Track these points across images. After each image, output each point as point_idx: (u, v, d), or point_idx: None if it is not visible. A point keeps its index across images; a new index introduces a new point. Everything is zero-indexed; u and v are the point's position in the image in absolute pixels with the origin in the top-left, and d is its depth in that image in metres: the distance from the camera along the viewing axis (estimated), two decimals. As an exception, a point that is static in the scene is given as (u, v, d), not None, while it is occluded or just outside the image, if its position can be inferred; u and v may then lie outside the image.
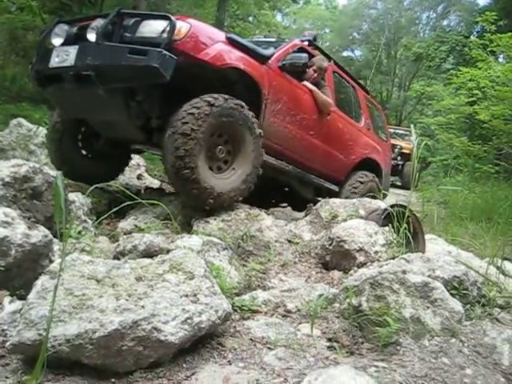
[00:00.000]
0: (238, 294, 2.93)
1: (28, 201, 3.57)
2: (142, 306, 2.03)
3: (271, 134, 4.99)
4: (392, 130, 20.76)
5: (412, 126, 5.44)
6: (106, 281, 2.15)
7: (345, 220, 4.36)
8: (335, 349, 2.45)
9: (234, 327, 2.52)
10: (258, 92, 4.75)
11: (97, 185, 3.03)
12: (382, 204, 4.83)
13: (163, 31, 3.95)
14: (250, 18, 25.67)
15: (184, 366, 2.13)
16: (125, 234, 3.30)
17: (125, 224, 3.86)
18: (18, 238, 2.52)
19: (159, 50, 3.80)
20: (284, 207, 6.92)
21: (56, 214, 1.90)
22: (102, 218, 1.98)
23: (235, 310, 2.65)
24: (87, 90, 4.08)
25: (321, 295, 3.02)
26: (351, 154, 6.60)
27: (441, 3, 31.17)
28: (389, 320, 2.46)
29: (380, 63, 34.20)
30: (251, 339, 2.43)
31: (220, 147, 4.23)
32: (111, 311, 1.98)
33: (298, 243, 4.17)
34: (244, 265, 3.43)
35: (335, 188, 6.46)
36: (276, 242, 3.93)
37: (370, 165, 6.95)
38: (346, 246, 3.82)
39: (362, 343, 2.56)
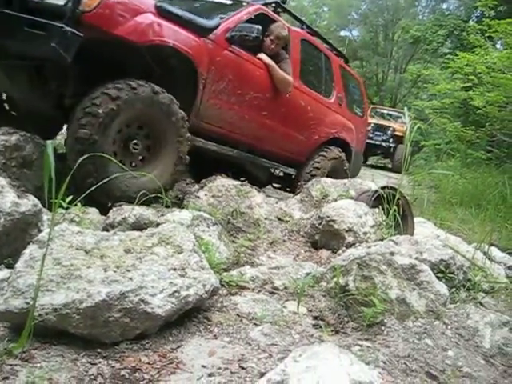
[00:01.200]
0: (226, 270, 2.95)
1: (18, 169, 3.57)
2: (130, 278, 2.03)
3: (212, 116, 4.56)
4: (385, 112, 20.82)
5: (406, 108, 5.42)
6: (94, 252, 2.15)
7: (335, 200, 4.39)
8: (321, 327, 2.48)
9: (221, 302, 2.53)
10: (194, 71, 4.22)
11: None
12: (372, 185, 4.85)
13: (69, 0, 3.36)
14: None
15: (170, 338, 2.14)
16: (114, 205, 3.29)
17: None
18: (6, 207, 2.51)
19: (60, 25, 3.27)
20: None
21: (45, 183, 1.89)
22: (93, 188, 1.97)
23: (223, 286, 2.67)
24: None
25: (308, 273, 3.04)
26: (314, 133, 6.04)
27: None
28: (375, 300, 2.49)
29: (377, 44, 34.09)
30: (238, 314, 2.45)
31: (136, 141, 3.76)
32: (99, 282, 1.98)
33: (287, 221, 4.19)
34: (233, 241, 3.44)
35: (291, 171, 6.04)
36: (266, 219, 3.94)
37: (338, 144, 6.42)
38: (336, 226, 3.84)
39: (348, 322, 2.59)
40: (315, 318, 2.60)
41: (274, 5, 5.65)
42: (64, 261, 2.06)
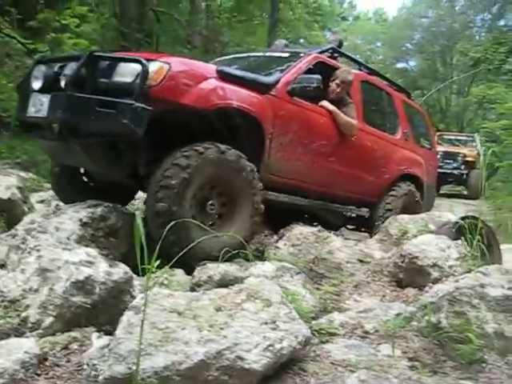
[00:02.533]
0: (314, 318, 2.95)
1: (105, 239, 3.75)
2: (224, 336, 2.09)
3: (281, 169, 4.58)
4: (453, 138, 20.31)
5: (476, 134, 5.30)
6: (186, 313, 2.22)
7: (415, 236, 4.31)
8: (417, 368, 2.43)
9: (314, 351, 2.54)
10: (259, 128, 4.28)
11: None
12: (451, 217, 4.74)
13: (137, 77, 3.53)
14: (301, 40, 25.89)
15: (268, 392, 2.17)
16: (198, 265, 3.39)
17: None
18: (100, 277, 2.64)
19: (130, 102, 3.44)
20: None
21: (137, 251, 1.99)
22: (182, 252, 2.06)
23: (313, 334, 2.67)
24: (64, 143, 3.82)
25: (398, 314, 2.99)
26: (383, 172, 5.96)
27: (495, 3, 30.35)
28: (471, 336, 2.42)
29: (436, 71, 33.66)
30: (332, 362, 2.44)
31: (211, 202, 3.84)
32: (195, 343, 2.04)
33: (369, 262, 4.15)
34: (317, 288, 3.45)
35: (364, 213, 5.93)
36: (347, 262, 3.92)
37: (409, 180, 6.28)
38: (419, 263, 3.77)
39: (445, 361, 2.52)
40: (410, 359, 2.55)
41: (330, 51, 5.71)
42: (159, 324, 2.15)
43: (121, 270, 2.76)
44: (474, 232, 3.85)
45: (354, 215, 6.01)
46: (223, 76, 4.02)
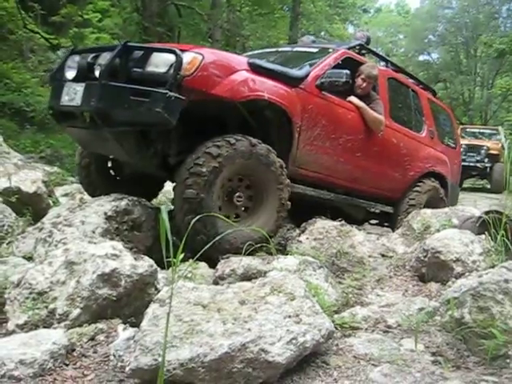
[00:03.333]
0: (336, 312, 2.97)
1: (129, 232, 3.80)
2: (249, 329, 2.11)
3: (308, 162, 4.63)
4: (476, 131, 20.07)
5: (500, 127, 5.24)
6: (211, 306, 2.25)
7: (438, 230, 4.29)
8: (440, 363, 2.42)
9: (337, 345, 2.55)
10: (288, 121, 4.33)
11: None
12: (475, 211, 4.71)
13: (171, 67, 3.57)
14: (323, 33, 25.76)
15: (292, 385, 2.19)
16: (222, 258, 3.42)
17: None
18: (126, 270, 2.68)
19: (163, 91, 3.48)
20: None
21: (163, 244, 2.02)
22: (207, 246, 2.09)
23: (336, 328, 2.68)
24: (97, 131, 3.88)
25: (421, 309, 2.99)
26: (408, 170, 5.99)
27: (521, -7, 29.89)
28: (495, 332, 2.41)
29: (459, 63, 33.26)
30: (354, 356, 2.46)
31: (239, 194, 3.90)
32: (220, 335, 2.07)
33: (391, 257, 4.15)
34: (340, 282, 3.46)
35: (389, 209, 5.96)
36: (369, 257, 3.92)
37: (433, 178, 6.32)
38: (442, 257, 3.75)
39: (468, 357, 2.52)
40: (433, 354, 2.55)
41: (358, 47, 5.79)
42: (184, 317, 2.18)
43: (146, 263, 2.80)
44: (498, 227, 3.82)
45: (377, 210, 6.04)
46: (254, 68, 4.07)
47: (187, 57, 3.61)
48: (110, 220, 3.73)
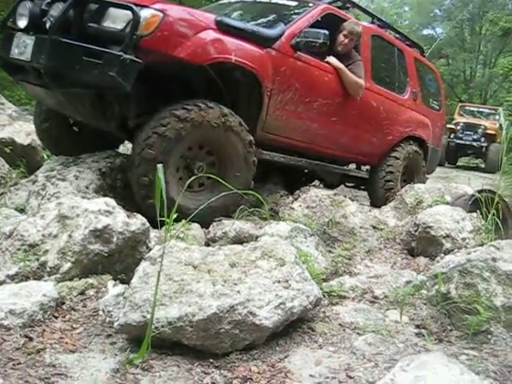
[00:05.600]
0: (325, 280, 3.00)
1: (123, 190, 3.79)
2: (238, 292, 2.13)
3: (279, 127, 4.33)
4: (475, 109, 20.00)
5: (500, 108, 5.19)
6: (201, 267, 2.27)
7: (430, 206, 4.33)
8: (423, 336, 2.47)
9: (324, 312, 2.59)
10: (258, 84, 4.02)
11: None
12: (468, 189, 4.73)
13: (127, 24, 3.27)
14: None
15: (277, 349, 2.22)
16: (214, 220, 3.44)
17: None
18: (118, 226, 2.69)
19: (118, 53, 3.20)
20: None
21: (157, 203, 2.03)
22: (201, 207, 2.09)
23: (324, 296, 2.72)
24: (49, 90, 3.62)
25: (408, 282, 3.03)
26: (387, 134, 5.62)
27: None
28: (479, 308, 2.45)
29: (463, 40, 32.92)
30: (340, 324, 2.50)
31: (200, 164, 3.68)
32: (209, 296, 2.09)
33: (382, 229, 4.18)
34: (330, 251, 3.49)
35: (364, 175, 5.75)
36: (361, 228, 3.95)
37: (413, 141, 5.99)
38: (433, 232, 3.79)
39: (451, 331, 2.56)
40: (417, 326, 2.59)
41: (341, 1, 5.39)
42: (175, 276, 2.20)
43: (138, 221, 2.80)
44: (490, 206, 3.85)
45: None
46: (222, 27, 3.76)
47: (145, 13, 3.29)
48: (104, 176, 3.73)
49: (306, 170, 5.70)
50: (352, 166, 6.00)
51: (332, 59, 4.77)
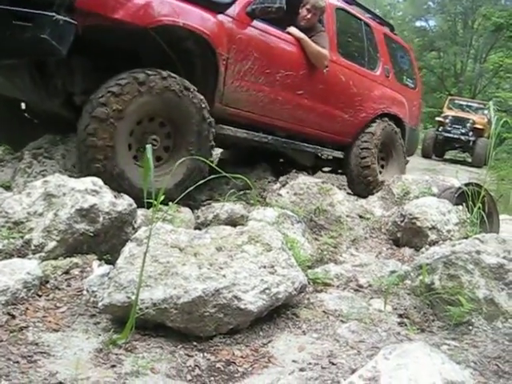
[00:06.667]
0: (310, 267, 3.01)
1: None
2: (223, 275, 2.13)
3: (239, 100, 4.10)
4: (464, 103, 20.10)
5: (491, 102, 5.20)
6: (188, 250, 2.27)
7: (417, 197, 4.35)
8: (406, 325, 2.49)
9: (308, 299, 2.60)
10: (212, 52, 3.77)
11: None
12: (455, 182, 4.76)
13: None
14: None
15: (261, 333, 2.23)
16: (202, 204, 3.43)
17: (201, 195, 3.98)
18: (105, 206, 2.67)
19: (50, 14, 2.93)
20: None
21: (144, 184, 2.01)
22: (189, 189, 2.08)
23: (309, 283, 2.73)
24: None
25: (393, 271, 3.05)
26: (359, 111, 5.39)
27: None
28: (462, 300, 2.47)
29: (455, 34, 32.96)
30: (324, 311, 2.51)
31: (153, 137, 3.47)
32: (194, 279, 2.09)
33: (368, 219, 4.20)
34: (316, 238, 3.50)
35: (338, 154, 5.45)
36: (347, 216, 3.96)
37: (389, 119, 5.74)
38: (418, 224, 3.81)
39: (433, 321, 2.59)
40: (400, 316, 2.62)
41: None
42: (160, 258, 2.19)
43: (125, 202, 2.79)
44: (476, 199, 3.88)
45: (330, 157, 5.71)
46: None
47: None
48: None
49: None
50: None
51: (293, 29, 4.58)
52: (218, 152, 5.89)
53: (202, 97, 3.60)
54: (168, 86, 3.38)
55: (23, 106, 4.37)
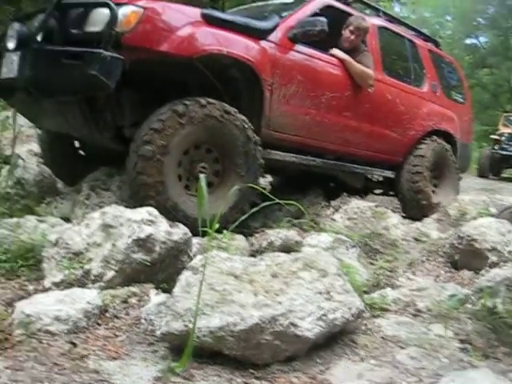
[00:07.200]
0: (367, 292, 2.97)
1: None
2: (279, 302, 2.13)
3: (286, 125, 4.12)
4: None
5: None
6: (243, 277, 2.27)
7: (474, 218, 4.25)
8: (469, 351, 2.41)
9: (365, 325, 2.55)
10: (256, 78, 3.83)
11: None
12: (515, 201, 4.63)
13: (106, 23, 3.16)
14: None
15: (318, 360, 2.20)
16: (256, 232, 3.45)
17: (255, 222, 4.00)
18: (161, 236, 2.71)
19: (97, 51, 3.10)
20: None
21: (199, 212, 2.04)
22: (243, 217, 2.10)
23: (365, 308, 2.68)
24: (38, 103, 3.56)
25: (452, 295, 2.96)
26: (409, 129, 5.37)
27: None
28: (528, 324, 2.38)
29: (508, 49, 32.24)
30: (382, 337, 2.46)
31: (201, 165, 3.54)
32: (250, 306, 2.09)
33: (425, 241, 4.12)
34: (371, 263, 3.46)
35: (389, 174, 5.41)
36: (403, 240, 3.90)
37: (439, 136, 5.71)
38: (477, 245, 3.71)
39: (498, 347, 2.49)
40: (462, 341, 2.53)
41: None
42: (216, 286, 2.20)
43: (180, 231, 2.83)
44: (538, 218, 3.76)
45: (380, 179, 5.66)
46: (210, 20, 3.61)
47: (125, 10, 3.23)
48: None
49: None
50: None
51: (336, 51, 4.62)
52: (269, 179, 5.92)
53: (243, 117, 3.64)
54: (208, 113, 3.44)
55: (77, 143, 4.51)
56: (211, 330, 2.04)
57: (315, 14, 4.37)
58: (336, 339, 2.34)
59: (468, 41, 34.87)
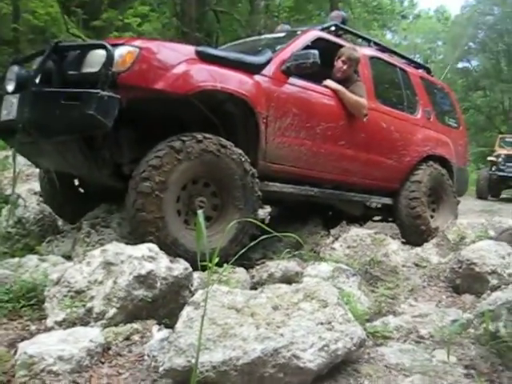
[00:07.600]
0: (368, 320, 2.96)
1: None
2: (281, 334, 2.13)
3: (282, 156, 4.19)
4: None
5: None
6: (245, 310, 2.28)
7: (473, 241, 4.26)
8: (473, 376, 2.40)
9: (368, 353, 2.55)
10: (251, 112, 3.91)
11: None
12: (512, 223, 4.65)
13: (103, 64, 3.25)
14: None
15: (322, 392, 2.20)
16: (256, 264, 3.46)
17: (255, 254, 4.02)
18: (162, 272, 2.73)
19: (94, 91, 3.19)
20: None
21: (198, 247, 2.05)
22: (243, 250, 2.12)
23: (368, 336, 2.68)
24: (37, 144, 3.62)
25: (454, 320, 2.96)
26: (404, 155, 5.45)
27: None
28: (531, 347, 2.38)
29: (500, 71, 32.64)
30: (386, 366, 2.45)
31: (200, 199, 3.58)
32: (253, 339, 2.10)
33: (425, 267, 4.13)
34: (373, 290, 3.46)
35: (387, 200, 5.48)
36: (403, 266, 3.91)
37: (435, 161, 5.79)
38: (477, 269, 3.71)
39: (502, 371, 2.48)
40: (466, 366, 2.52)
41: (334, 28, 5.31)
42: (218, 320, 2.21)
43: (181, 266, 2.84)
44: (537, 240, 3.77)
45: (378, 205, 5.69)
46: (203, 57, 3.70)
47: (121, 51, 3.32)
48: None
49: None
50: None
51: (329, 82, 4.70)
52: (267, 210, 5.95)
53: (240, 151, 3.69)
54: (205, 147, 3.48)
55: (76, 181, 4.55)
56: (214, 365, 2.05)
57: (307, 47, 4.46)
58: (339, 369, 2.34)
59: (460, 65, 35.36)
